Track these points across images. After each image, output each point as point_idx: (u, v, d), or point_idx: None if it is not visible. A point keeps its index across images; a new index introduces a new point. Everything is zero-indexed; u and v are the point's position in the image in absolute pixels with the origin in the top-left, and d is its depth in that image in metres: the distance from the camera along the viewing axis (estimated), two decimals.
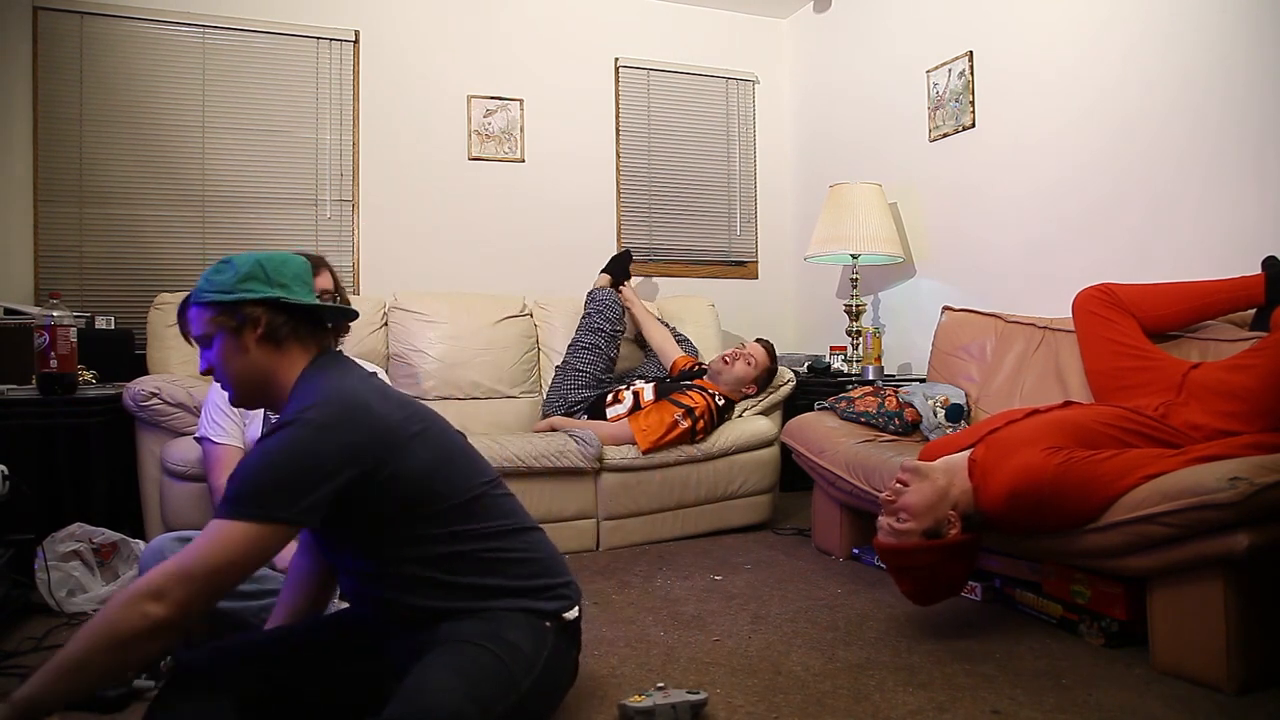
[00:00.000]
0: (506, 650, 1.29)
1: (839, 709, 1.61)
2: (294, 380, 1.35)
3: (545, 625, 1.38)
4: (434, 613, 1.34)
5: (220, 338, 1.33)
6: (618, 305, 3.50)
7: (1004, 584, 2.22)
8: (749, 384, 3.20)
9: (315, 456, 1.23)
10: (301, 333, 1.37)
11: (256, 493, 1.20)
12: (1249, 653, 1.65)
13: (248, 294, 1.32)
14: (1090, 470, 1.81)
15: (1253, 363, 1.97)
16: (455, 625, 1.32)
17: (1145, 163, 2.72)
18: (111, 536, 2.37)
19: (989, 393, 2.82)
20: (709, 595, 2.36)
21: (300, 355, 1.37)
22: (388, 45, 3.86)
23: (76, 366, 2.56)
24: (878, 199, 3.61)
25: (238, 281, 1.32)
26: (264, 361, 1.34)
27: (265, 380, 1.35)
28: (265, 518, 1.19)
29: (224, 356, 1.33)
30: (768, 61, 4.62)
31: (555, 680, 1.40)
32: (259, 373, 1.35)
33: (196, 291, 1.35)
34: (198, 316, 1.34)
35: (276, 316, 1.33)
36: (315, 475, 1.22)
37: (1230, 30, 2.47)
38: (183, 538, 1.83)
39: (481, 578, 1.36)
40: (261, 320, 1.32)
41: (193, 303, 1.35)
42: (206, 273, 1.35)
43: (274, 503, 1.20)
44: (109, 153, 3.43)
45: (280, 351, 1.35)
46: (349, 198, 3.79)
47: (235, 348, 1.33)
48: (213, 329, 1.33)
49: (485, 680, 1.24)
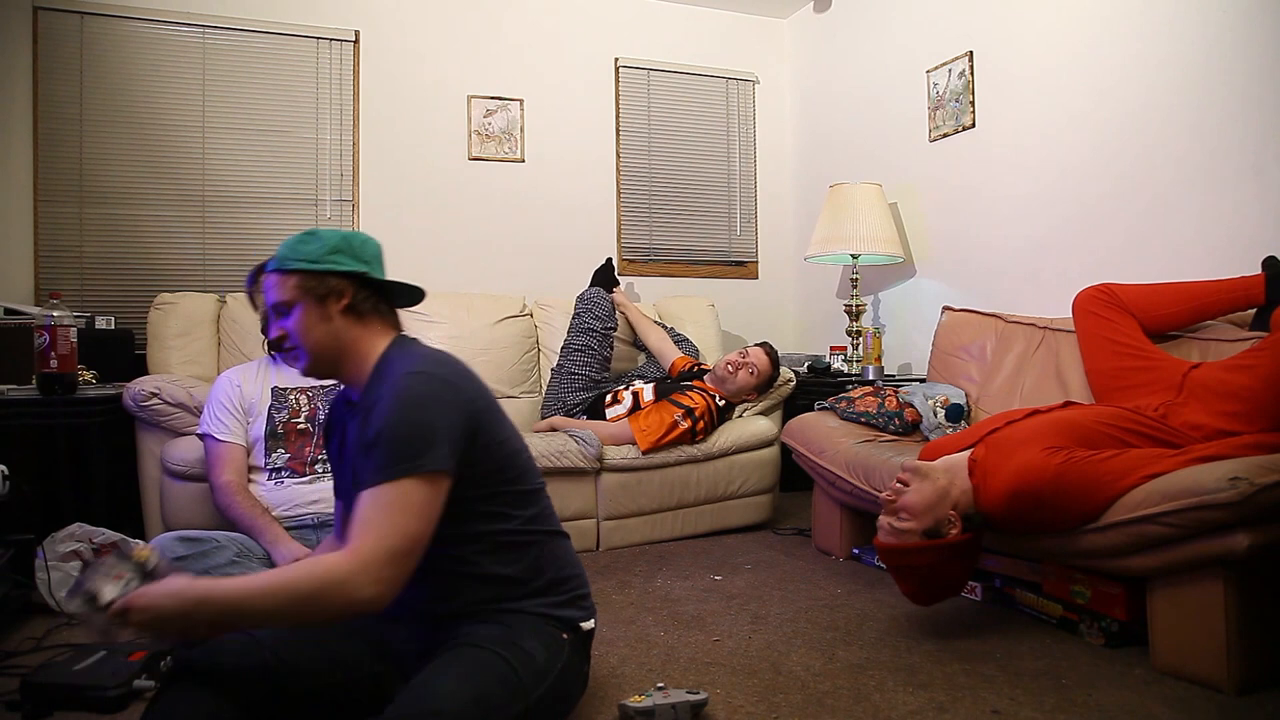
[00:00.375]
0: (520, 658, 1.29)
1: (839, 709, 1.61)
2: (375, 354, 1.39)
3: (562, 636, 1.40)
4: (462, 607, 1.36)
5: (302, 306, 1.35)
6: (606, 302, 3.47)
7: (1004, 584, 2.22)
8: (750, 392, 3.20)
9: (447, 405, 1.28)
10: (382, 309, 1.42)
11: (416, 446, 1.23)
12: (1249, 653, 1.65)
13: (336, 265, 1.36)
14: (1090, 470, 1.81)
15: (1253, 363, 1.97)
16: (473, 628, 1.32)
17: (1145, 162, 2.72)
18: (111, 536, 2.37)
19: (989, 393, 2.82)
20: (709, 595, 2.36)
21: (380, 331, 1.41)
22: (388, 45, 3.86)
23: (76, 366, 2.56)
24: (878, 199, 3.61)
25: (326, 253, 1.36)
26: (345, 333, 1.37)
27: (343, 351, 1.38)
28: (434, 467, 1.23)
29: (305, 324, 1.35)
30: (768, 61, 4.62)
31: (565, 692, 1.41)
32: (338, 343, 1.37)
33: (279, 259, 1.37)
34: (279, 283, 1.36)
35: (361, 290, 1.38)
36: (452, 422, 1.27)
37: (1230, 30, 2.47)
38: (185, 537, 1.83)
39: (522, 572, 1.39)
40: (347, 292, 1.36)
41: (273, 270, 1.37)
42: (289, 242, 1.38)
43: (433, 445, 1.23)
44: (109, 153, 3.44)
45: (362, 325, 1.39)
46: (349, 198, 3.79)
47: (318, 316, 1.35)
48: (296, 296, 1.35)
49: (494, 687, 1.24)
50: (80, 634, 2.12)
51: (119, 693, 1.61)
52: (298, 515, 2.12)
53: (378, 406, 1.28)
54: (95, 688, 1.60)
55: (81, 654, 1.73)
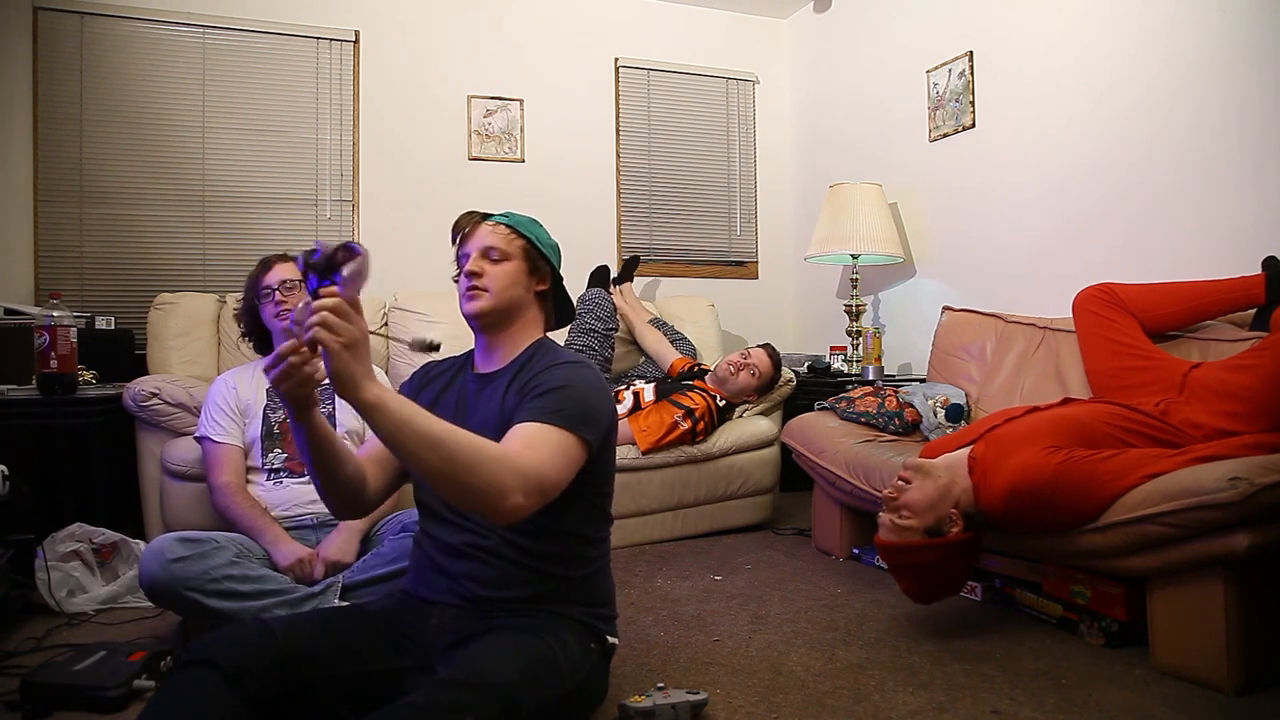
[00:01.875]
0: (560, 646, 1.34)
1: (839, 709, 1.61)
2: (529, 339, 1.52)
3: (590, 645, 1.44)
4: (510, 600, 1.40)
5: (514, 264, 1.49)
6: (608, 303, 3.47)
7: (1004, 584, 2.22)
8: (751, 393, 3.20)
9: (607, 403, 1.45)
10: (549, 311, 1.60)
11: (585, 415, 1.35)
12: (1249, 653, 1.65)
13: (552, 257, 1.56)
14: (1090, 470, 1.81)
15: (1253, 363, 1.97)
16: (512, 619, 1.37)
17: (1145, 163, 2.72)
18: (111, 536, 2.38)
19: (989, 393, 2.82)
20: (709, 595, 2.36)
21: (539, 325, 1.57)
22: (388, 45, 3.86)
23: (76, 366, 2.56)
24: (878, 199, 3.61)
25: (550, 244, 1.58)
26: (526, 308, 1.52)
27: (513, 319, 1.50)
28: (591, 437, 1.35)
29: (509, 278, 1.48)
30: (768, 61, 4.62)
31: (590, 694, 1.45)
32: (516, 311, 1.50)
33: (514, 220, 1.53)
34: (506, 235, 1.50)
35: (554, 287, 1.59)
36: (607, 418, 1.42)
37: (1230, 30, 2.47)
38: (184, 538, 1.83)
39: (577, 582, 1.46)
40: (549, 279, 1.56)
41: (505, 223, 1.52)
42: (522, 217, 1.56)
43: (595, 425, 1.36)
44: (109, 153, 3.44)
45: (536, 310, 1.55)
46: (349, 198, 3.79)
47: (521, 280, 1.50)
48: (516, 253, 1.50)
49: (539, 664, 1.27)
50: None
51: (119, 693, 1.61)
52: (297, 515, 2.12)
53: (549, 372, 1.40)
54: (95, 688, 1.60)
55: (81, 654, 1.73)
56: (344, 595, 1.87)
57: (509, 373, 1.47)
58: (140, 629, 2.11)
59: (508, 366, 1.48)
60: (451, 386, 1.55)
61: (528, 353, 1.49)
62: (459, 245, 1.54)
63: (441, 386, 1.56)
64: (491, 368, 1.51)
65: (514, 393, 1.42)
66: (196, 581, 1.76)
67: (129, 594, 2.30)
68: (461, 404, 1.50)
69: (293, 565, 1.94)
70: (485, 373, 1.51)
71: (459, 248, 1.54)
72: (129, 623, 2.16)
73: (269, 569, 1.92)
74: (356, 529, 2.07)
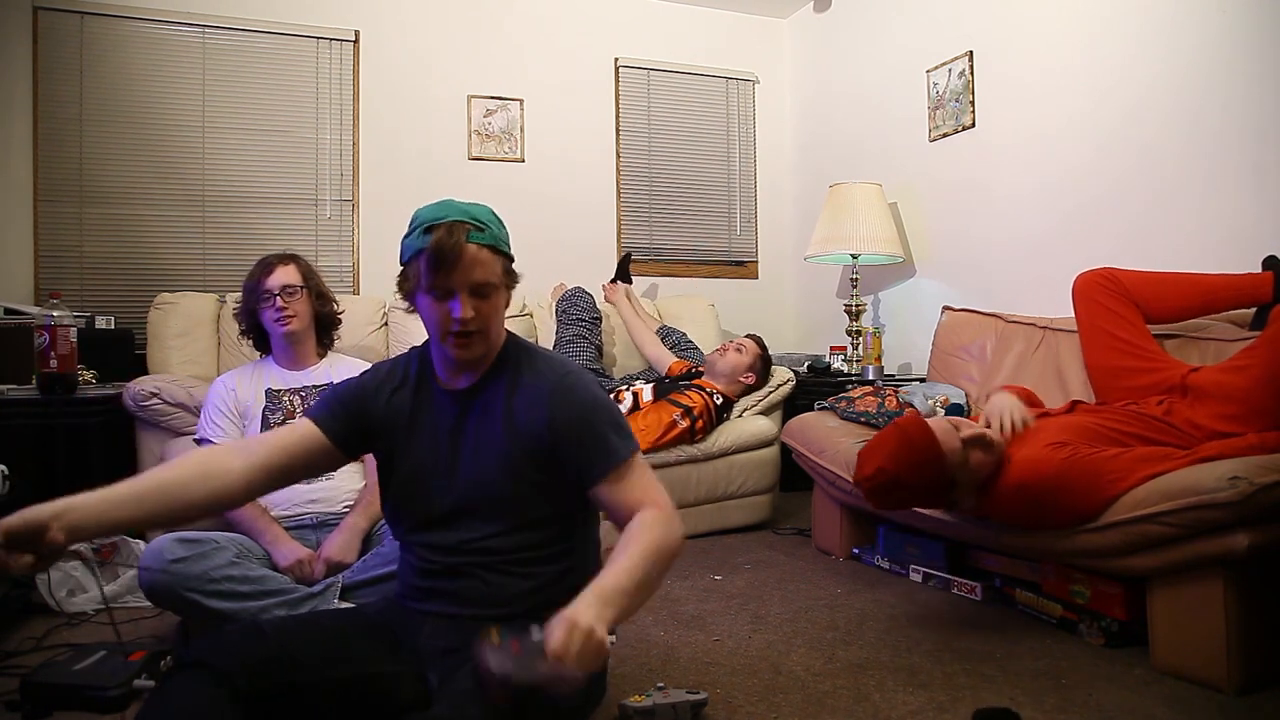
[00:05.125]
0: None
1: (839, 709, 1.61)
2: (502, 336, 1.38)
3: None
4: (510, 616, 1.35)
5: (500, 290, 1.31)
6: (586, 295, 3.58)
7: (1004, 584, 2.22)
8: (745, 372, 3.20)
9: (602, 389, 1.42)
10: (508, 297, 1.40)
11: (622, 420, 1.38)
12: (1249, 653, 1.65)
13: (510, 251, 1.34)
14: (1093, 467, 1.80)
15: (1246, 363, 1.96)
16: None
17: (1145, 162, 2.72)
18: (112, 536, 2.37)
19: (989, 393, 2.81)
20: (709, 595, 2.36)
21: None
22: (388, 45, 3.86)
23: (76, 366, 2.57)
24: (878, 199, 3.61)
25: (507, 236, 1.34)
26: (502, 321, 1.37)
27: (497, 340, 1.37)
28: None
29: (499, 310, 1.32)
30: (768, 61, 4.62)
31: (589, 694, 1.43)
32: (501, 332, 1.37)
33: (492, 236, 1.28)
34: (490, 262, 1.28)
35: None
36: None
37: (1230, 30, 2.47)
38: (184, 538, 1.83)
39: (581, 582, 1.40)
40: (514, 283, 1.36)
41: (486, 245, 1.27)
42: (486, 213, 1.30)
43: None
44: (109, 153, 3.44)
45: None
46: (349, 198, 3.79)
47: (504, 303, 1.35)
48: (501, 281, 1.30)
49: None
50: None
51: (119, 693, 1.61)
52: (297, 515, 2.12)
53: (567, 398, 1.32)
54: (95, 688, 1.60)
55: (81, 654, 1.72)
56: (344, 595, 1.87)
57: (497, 390, 1.35)
58: (140, 629, 2.11)
59: (489, 380, 1.37)
60: (422, 408, 1.39)
61: (495, 366, 1.37)
62: (437, 274, 1.25)
63: (408, 407, 1.39)
64: (468, 382, 1.37)
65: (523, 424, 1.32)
66: (196, 582, 1.76)
67: (129, 594, 2.29)
68: (445, 429, 1.37)
69: (293, 565, 1.94)
70: (462, 389, 1.37)
71: (438, 276, 1.25)
72: (129, 623, 2.16)
73: (269, 569, 1.92)
74: (358, 529, 2.07)
